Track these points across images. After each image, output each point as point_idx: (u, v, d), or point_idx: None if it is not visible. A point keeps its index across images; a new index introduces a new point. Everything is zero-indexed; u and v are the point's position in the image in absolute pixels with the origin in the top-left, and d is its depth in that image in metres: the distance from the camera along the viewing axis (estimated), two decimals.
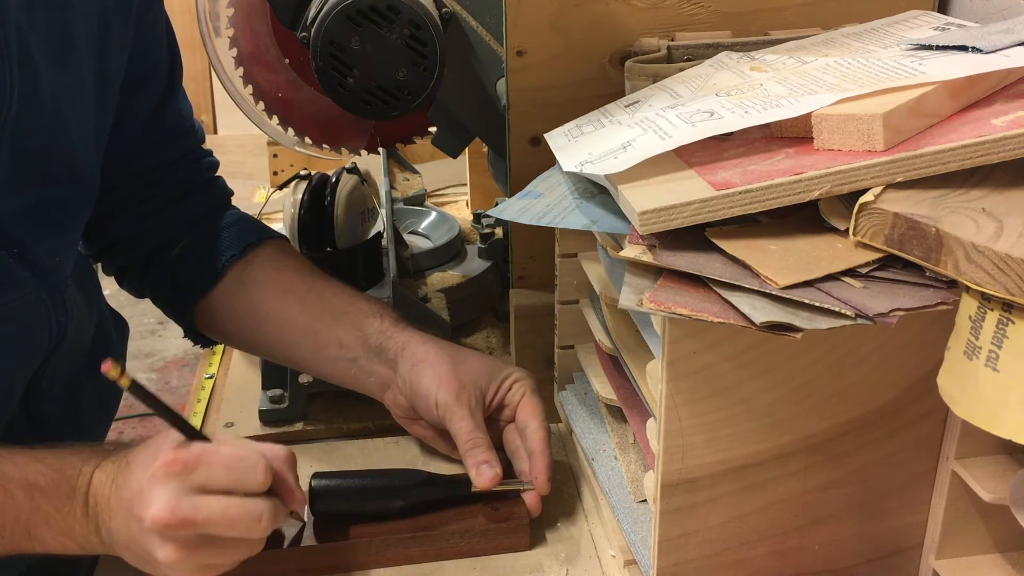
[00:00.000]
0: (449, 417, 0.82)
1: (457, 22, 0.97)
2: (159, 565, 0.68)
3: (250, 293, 0.93)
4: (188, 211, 0.96)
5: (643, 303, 0.57)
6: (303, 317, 0.91)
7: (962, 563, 0.68)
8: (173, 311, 0.99)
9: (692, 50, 0.84)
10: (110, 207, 0.91)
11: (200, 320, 0.97)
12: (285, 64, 1.10)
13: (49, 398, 0.84)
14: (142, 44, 0.89)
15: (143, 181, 0.94)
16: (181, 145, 0.97)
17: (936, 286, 0.56)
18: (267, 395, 1.02)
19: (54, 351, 0.82)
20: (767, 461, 0.66)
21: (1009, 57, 0.65)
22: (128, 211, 0.94)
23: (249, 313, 0.93)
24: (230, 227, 0.97)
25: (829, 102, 0.63)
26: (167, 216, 0.95)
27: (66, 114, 0.79)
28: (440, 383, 0.82)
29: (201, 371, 1.13)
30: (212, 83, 3.46)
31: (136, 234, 0.95)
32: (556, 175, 0.76)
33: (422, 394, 0.83)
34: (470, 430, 0.81)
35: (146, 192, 0.94)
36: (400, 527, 0.79)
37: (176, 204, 0.95)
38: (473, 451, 0.80)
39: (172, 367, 3.07)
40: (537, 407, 0.84)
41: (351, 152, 1.17)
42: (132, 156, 0.92)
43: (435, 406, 0.82)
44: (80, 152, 0.83)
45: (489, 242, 1.23)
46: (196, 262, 0.95)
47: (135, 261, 0.97)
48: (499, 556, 0.79)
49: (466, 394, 0.82)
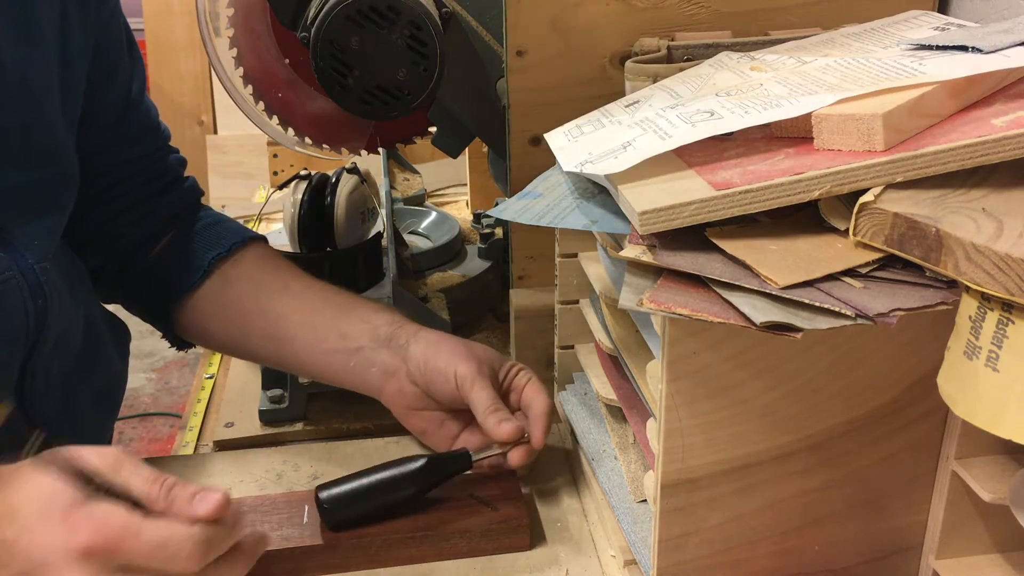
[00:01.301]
0: (469, 387, 0.82)
1: (457, 22, 0.97)
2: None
3: (238, 291, 0.93)
4: (164, 209, 0.96)
5: (643, 303, 0.57)
6: (301, 312, 0.91)
7: (962, 563, 0.68)
8: (151, 312, 0.99)
9: (692, 50, 0.84)
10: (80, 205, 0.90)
11: (180, 321, 0.97)
12: (285, 64, 1.10)
13: (45, 398, 0.84)
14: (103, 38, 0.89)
15: (112, 178, 0.94)
16: (149, 141, 0.97)
17: (936, 286, 0.56)
18: (267, 395, 1.02)
19: (37, 341, 0.81)
20: (767, 461, 0.66)
21: (1009, 57, 0.65)
22: (99, 209, 0.94)
23: (237, 311, 0.93)
24: (211, 227, 0.97)
25: (829, 102, 0.63)
26: (141, 213, 0.95)
27: (36, 90, 0.79)
28: (459, 359, 0.84)
29: (201, 371, 1.14)
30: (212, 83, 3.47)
31: (110, 232, 0.95)
32: (556, 175, 0.76)
33: (440, 368, 0.84)
34: (492, 397, 0.82)
35: (115, 190, 0.94)
36: (399, 527, 0.79)
37: (149, 201, 0.96)
38: (496, 412, 0.81)
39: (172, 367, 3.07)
40: (542, 388, 0.85)
41: (351, 152, 1.17)
42: (101, 151, 0.92)
43: (454, 378, 0.83)
44: (57, 132, 0.82)
45: (489, 242, 1.24)
46: (178, 260, 0.95)
47: (110, 261, 0.97)
48: (499, 556, 0.79)
49: (484, 368, 0.84)
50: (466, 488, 0.82)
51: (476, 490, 0.82)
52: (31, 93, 0.79)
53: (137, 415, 2.87)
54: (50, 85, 0.81)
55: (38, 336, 0.81)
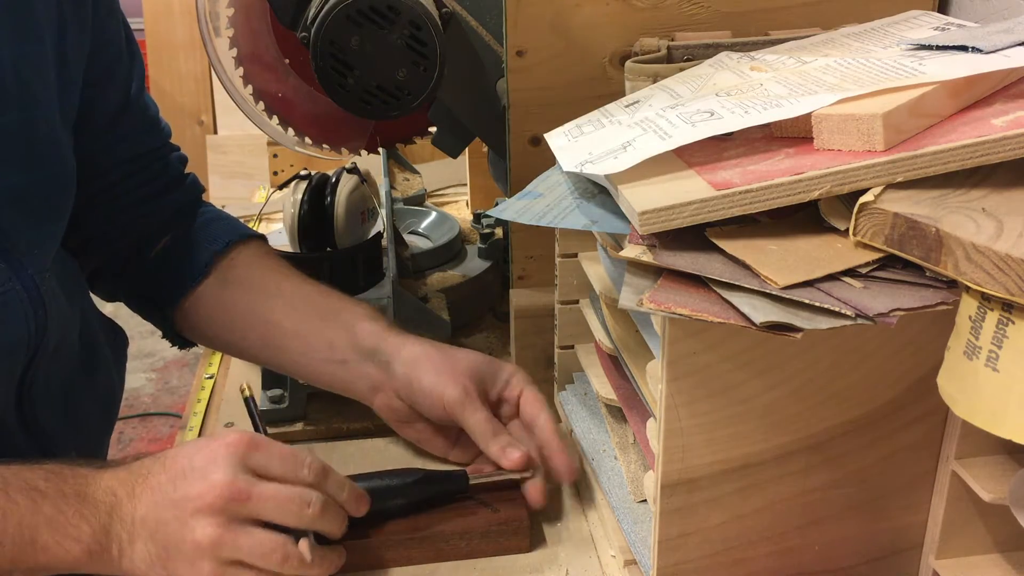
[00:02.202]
0: (461, 412, 0.82)
1: (457, 22, 0.97)
2: (187, 553, 0.68)
3: (234, 295, 0.93)
4: (165, 207, 0.95)
5: (643, 303, 0.57)
6: (291, 319, 0.90)
7: (962, 563, 0.68)
8: (152, 311, 0.98)
9: (692, 50, 0.84)
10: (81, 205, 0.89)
11: (179, 322, 0.96)
12: (285, 64, 1.10)
13: (44, 405, 0.83)
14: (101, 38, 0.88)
15: (113, 177, 0.93)
16: (149, 139, 0.96)
17: (936, 286, 0.56)
18: (267, 395, 1.02)
19: (38, 349, 0.80)
20: (767, 461, 0.66)
21: (1009, 57, 0.65)
22: (100, 209, 0.93)
23: (234, 316, 0.93)
24: (210, 224, 0.97)
25: (829, 102, 0.63)
26: (143, 212, 0.94)
27: (34, 89, 0.78)
28: (445, 381, 0.82)
29: (201, 371, 1.14)
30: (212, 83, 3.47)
31: (111, 232, 0.94)
32: (556, 175, 0.76)
33: (426, 392, 0.83)
34: (487, 419, 0.81)
35: (117, 189, 0.93)
36: (399, 528, 0.79)
37: (151, 200, 0.95)
38: (496, 438, 0.81)
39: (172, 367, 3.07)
40: (540, 399, 0.84)
41: (351, 152, 1.17)
42: (100, 151, 0.91)
43: (442, 403, 0.82)
44: (55, 132, 0.81)
45: (489, 242, 1.23)
46: (178, 258, 0.94)
47: (112, 260, 0.96)
48: (499, 557, 0.79)
49: (473, 388, 0.83)
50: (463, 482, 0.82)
51: (475, 490, 0.82)
52: (29, 91, 0.78)
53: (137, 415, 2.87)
54: (48, 84, 0.80)
55: (39, 345, 0.80)
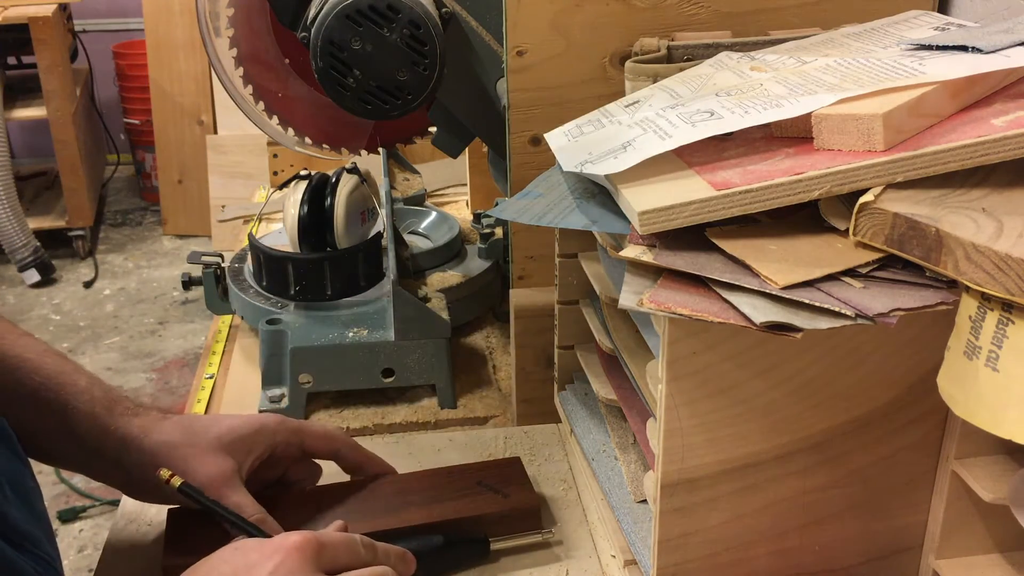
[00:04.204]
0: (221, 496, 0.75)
1: (457, 22, 0.97)
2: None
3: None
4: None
5: (643, 303, 0.57)
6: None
7: (962, 563, 0.68)
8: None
9: (692, 50, 0.84)
10: None
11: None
12: (285, 64, 1.10)
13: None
14: None
15: None
16: None
17: (936, 286, 0.56)
18: (267, 395, 1.02)
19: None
20: (767, 461, 0.66)
21: (1009, 57, 0.65)
22: None
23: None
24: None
25: (829, 102, 0.63)
26: None
27: None
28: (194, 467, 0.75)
29: (201, 371, 1.14)
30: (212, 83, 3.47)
31: None
32: (556, 175, 0.76)
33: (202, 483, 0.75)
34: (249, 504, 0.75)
35: None
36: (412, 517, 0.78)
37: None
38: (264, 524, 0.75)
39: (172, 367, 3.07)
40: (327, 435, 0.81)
41: (351, 152, 1.17)
42: None
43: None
44: None
45: (489, 242, 1.23)
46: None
47: None
48: (499, 556, 0.79)
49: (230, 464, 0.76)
50: (473, 476, 0.82)
51: (484, 478, 0.82)
52: None
53: None
54: None
55: None
